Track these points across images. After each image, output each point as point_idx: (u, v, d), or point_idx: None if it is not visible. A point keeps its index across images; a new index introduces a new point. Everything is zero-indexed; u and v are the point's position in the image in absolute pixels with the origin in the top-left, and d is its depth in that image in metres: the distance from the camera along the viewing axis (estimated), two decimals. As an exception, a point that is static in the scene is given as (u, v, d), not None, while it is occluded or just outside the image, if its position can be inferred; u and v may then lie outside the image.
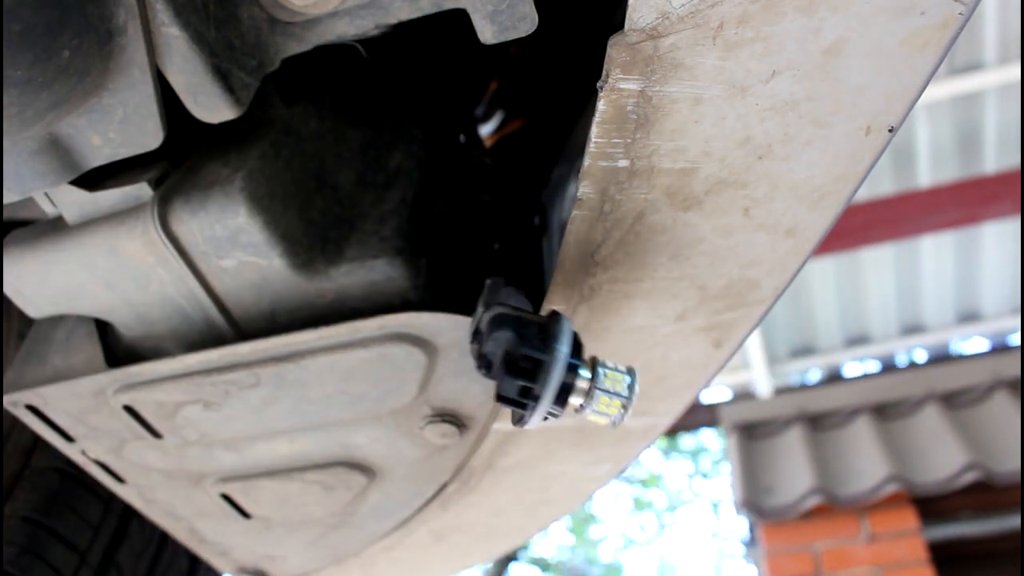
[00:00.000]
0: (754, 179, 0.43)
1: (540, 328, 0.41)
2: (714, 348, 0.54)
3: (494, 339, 0.42)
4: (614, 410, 0.41)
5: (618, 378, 0.41)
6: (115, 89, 0.41)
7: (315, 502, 0.71)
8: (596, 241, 0.47)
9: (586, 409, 0.41)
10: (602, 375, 0.41)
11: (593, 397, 0.41)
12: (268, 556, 0.80)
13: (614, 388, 0.41)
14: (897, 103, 0.39)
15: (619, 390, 0.41)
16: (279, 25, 0.43)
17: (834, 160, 0.42)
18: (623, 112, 0.40)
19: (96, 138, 0.43)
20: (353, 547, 0.78)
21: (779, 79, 0.39)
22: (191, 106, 0.44)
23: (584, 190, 0.44)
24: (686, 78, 0.39)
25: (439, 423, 0.63)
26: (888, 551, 3.03)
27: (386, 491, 0.71)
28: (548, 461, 0.68)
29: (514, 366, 0.41)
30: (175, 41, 0.41)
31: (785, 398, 3.68)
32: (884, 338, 3.89)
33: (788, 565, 3.13)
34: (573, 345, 0.41)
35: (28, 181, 0.43)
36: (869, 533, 3.09)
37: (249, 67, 0.44)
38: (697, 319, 0.52)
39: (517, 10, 0.40)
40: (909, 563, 2.99)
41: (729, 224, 0.46)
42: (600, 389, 0.41)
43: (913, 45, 0.37)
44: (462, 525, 0.76)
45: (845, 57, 0.38)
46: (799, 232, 0.46)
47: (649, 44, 0.38)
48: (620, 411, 0.41)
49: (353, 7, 0.43)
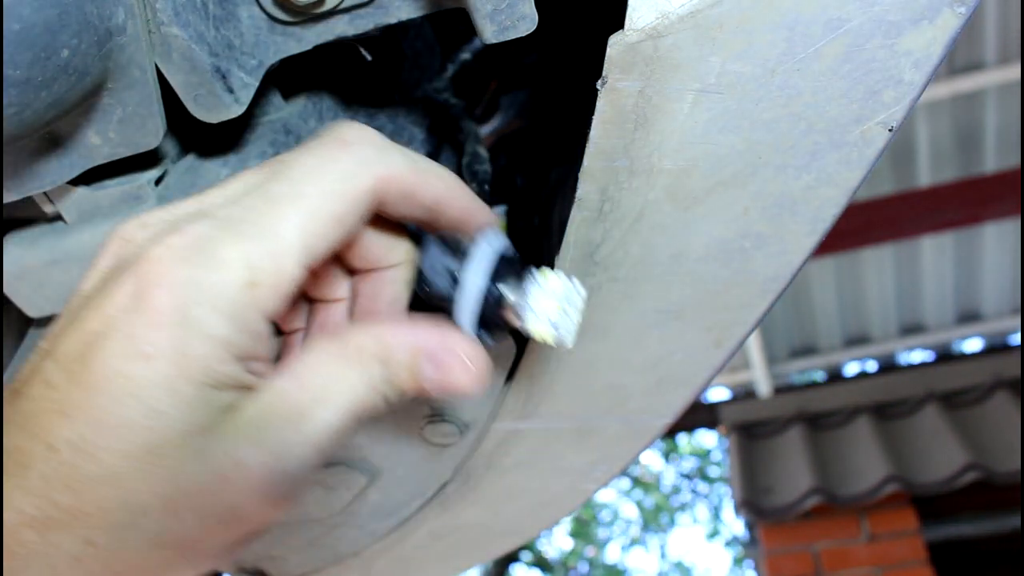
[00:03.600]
0: (754, 179, 0.43)
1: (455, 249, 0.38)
2: (714, 348, 0.54)
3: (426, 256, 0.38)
4: (550, 330, 0.37)
5: (551, 290, 0.37)
6: (114, 89, 0.41)
7: (315, 502, 0.71)
8: (596, 241, 0.47)
9: (525, 326, 0.37)
10: (530, 292, 0.37)
11: (525, 318, 0.37)
12: (268, 556, 0.80)
13: (548, 303, 0.37)
14: (897, 103, 0.39)
15: (553, 306, 0.37)
16: (279, 25, 0.43)
17: (834, 160, 0.42)
18: (623, 112, 0.40)
19: (95, 137, 0.43)
20: (353, 547, 0.78)
21: (779, 79, 0.39)
22: (191, 106, 0.44)
23: (584, 190, 0.44)
24: (686, 78, 0.39)
25: (439, 423, 0.63)
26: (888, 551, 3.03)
27: (386, 491, 0.71)
28: (548, 461, 0.68)
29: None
30: (175, 41, 0.41)
31: (785, 398, 3.68)
32: (884, 338, 3.89)
33: (788, 565, 3.13)
34: (496, 266, 0.37)
35: (27, 181, 0.43)
36: (869, 533, 3.09)
37: (249, 67, 0.44)
38: (697, 318, 0.52)
39: (517, 10, 0.40)
40: (909, 563, 2.99)
41: (729, 223, 0.46)
42: (530, 308, 0.37)
43: (913, 45, 0.37)
44: (462, 525, 0.76)
45: (846, 57, 0.38)
46: (799, 231, 0.46)
47: (649, 44, 0.38)
48: (558, 327, 0.37)
49: (353, 7, 0.43)
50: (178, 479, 0.31)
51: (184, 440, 0.31)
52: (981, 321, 3.75)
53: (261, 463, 0.32)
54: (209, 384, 0.32)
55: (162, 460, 0.31)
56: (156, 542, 0.32)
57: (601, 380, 0.58)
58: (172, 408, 0.31)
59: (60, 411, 0.31)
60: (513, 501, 0.74)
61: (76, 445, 0.30)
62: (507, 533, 0.80)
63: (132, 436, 0.31)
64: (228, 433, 0.32)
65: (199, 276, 0.32)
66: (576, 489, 0.73)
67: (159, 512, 0.31)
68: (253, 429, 0.33)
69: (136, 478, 0.31)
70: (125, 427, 0.30)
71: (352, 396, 0.34)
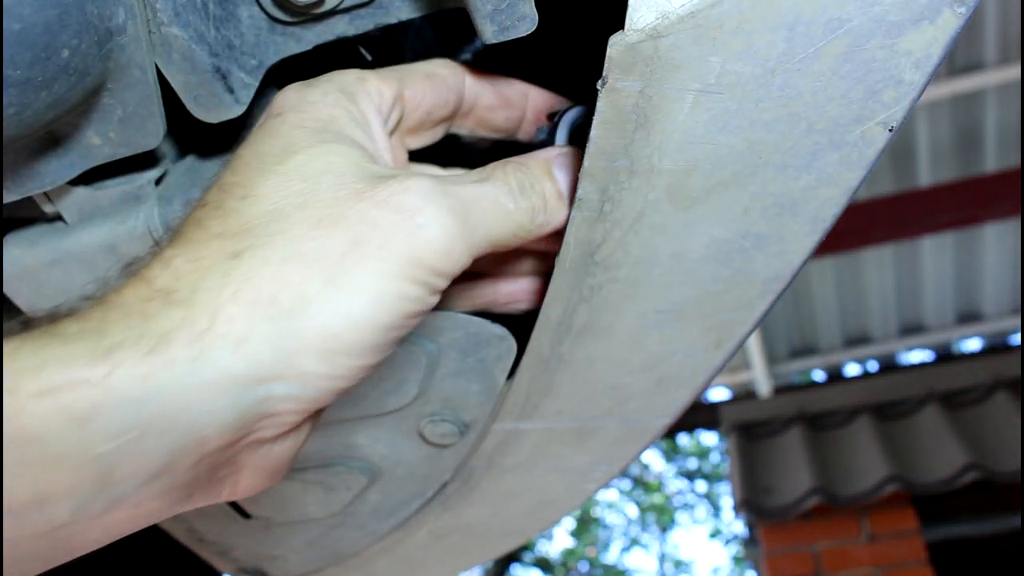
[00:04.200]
0: (754, 179, 0.43)
1: None
2: (714, 348, 0.54)
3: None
4: None
5: None
6: (114, 89, 0.41)
7: (315, 502, 0.71)
8: (596, 241, 0.47)
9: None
10: None
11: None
12: (268, 556, 0.80)
13: None
14: (898, 103, 0.39)
15: None
16: (279, 25, 0.44)
17: (834, 160, 0.42)
18: (623, 112, 0.40)
19: (95, 138, 0.43)
20: (353, 547, 0.78)
21: (779, 79, 0.39)
22: (191, 106, 0.44)
23: (584, 190, 0.44)
24: (686, 78, 0.39)
25: (439, 423, 0.63)
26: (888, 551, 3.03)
27: (386, 491, 0.71)
28: (548, 461, 0.68)
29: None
30: (175, 41, 0.41)
31: (785, 398, 3.68)
32: (884, 338, 3.89)
33: (788, 565, 3.13)
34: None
35: (27, 181, 0.43)
36: (869, 533, 3.09)
37: (249, 67, 0.44)
38: (697, 318, 0.52)
39: (517, 10, 0.40)
40: (909, 563, 2.99)
41: (729, 223, 0.46)
42: None
43: (914, 45, 0.37)
44: (462, 525, 0.76)
45: (846, 57, 0.38)
46: (799, 231, 0.46)
47: (649, 44, 0.38)
48: None
49: (353, 7, 0.43)
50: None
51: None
52: (981, 321, 3.75)
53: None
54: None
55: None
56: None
57: (601, 380, 0.58)
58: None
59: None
60: (513, 501, 0.74)
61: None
62: (507, 533, 0.80)
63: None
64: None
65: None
66: (576, 489, 0.73)
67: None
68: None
69: None
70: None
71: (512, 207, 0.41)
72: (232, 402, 0.32)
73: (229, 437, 0.33)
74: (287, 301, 0.33)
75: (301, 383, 0.34)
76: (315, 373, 0.35)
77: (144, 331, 0.31)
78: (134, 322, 0.32)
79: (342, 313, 0.34)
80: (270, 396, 0.34)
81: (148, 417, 0.30)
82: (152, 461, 0.31)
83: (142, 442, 0.31)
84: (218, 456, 0.34)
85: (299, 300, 0.34)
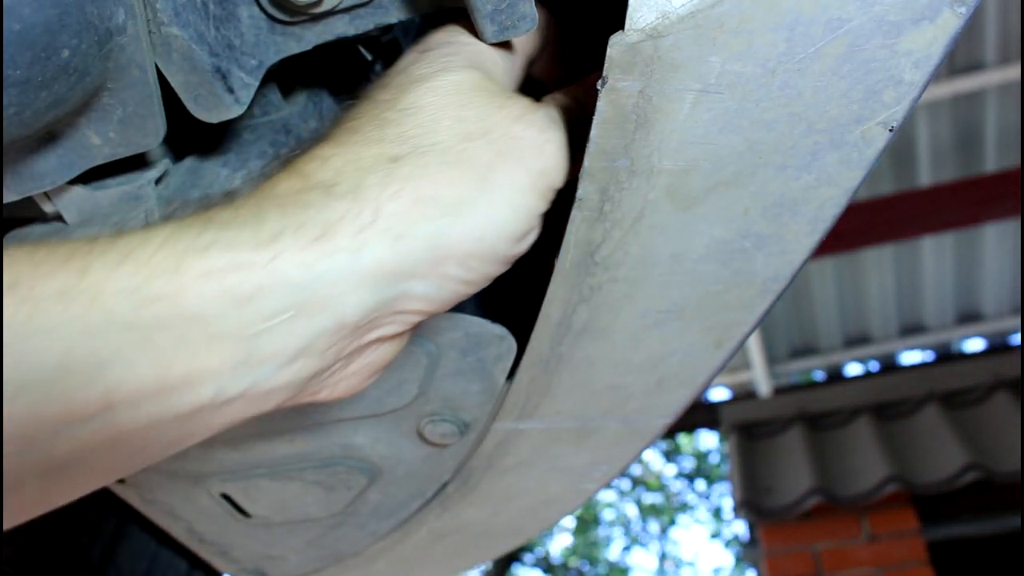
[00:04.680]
0: (754, 179, 0.43)
1: None
2: (714, 348, 0.54)
3: None
4: None
5: None
6: (114, 89, 0.41)
7: (315, 502, 0.71)
8: (596, 241, 0.47)
9: None
10: None
11: None
12: (268, 556, 0.80)
13: None
14: (898, 103, 0.39)
15: None
16: (279, 25, 0.44)
17: (834, 160, 0.42)
18: (623, 112, 0.40)
19: (95, 137, 0.43)
20: (353, 547, 0.78)
21: (779, 79, 0.39)
22: (191, 106, 0.44)
23: (584, 190, 0.44)
24: (686, 78, 0.39)
25: (439, 423, 0.63)
26: (888, 551, 3.03)
27: (386, 491, 0.71)
28: (548, 461, 0.68)
29: None
30: (175, 41, 0.41)
31: (785, 398, 3.68)
32: (884, 338, 3.88)
33: (788, 565, 3.13)
34: None
35: (27, 181, 0.43)
36: (869, 533, 3.09)
37: (249, 67, 0.44)
38: (697, 318, 0.52)
39: (517, 9, 0.40)
40: (909, 563, 2.98)
41: (730, 223, 0.46)
42: None
43: (914, 45, 0.37)
44: (462, 525, 0.76)
45: (846, 57, 0.38)
46: (800, 231, 0.46)
47: (649, 44, 0.38)
48: None
49: (353, 7, 0.43)
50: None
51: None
52: (981, 321, 3.75)
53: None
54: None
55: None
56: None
57: (601, 380, 0.58)
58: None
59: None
60: (513, 501, 0.74)
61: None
62: (507, 533, 0.80)
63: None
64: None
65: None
66: (576, 489, 0.73)
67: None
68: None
69: None
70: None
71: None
72: (375, 293, 0.34)
73: (364, 327, 0.35)
74: (446, 202, 0.36)
75: (438, 283, 0.37)
76: (451, 275, 0.37)
77: (305, 219, 0.33)
78: (291, 210, 0.34)
79: (489, 218, 0.37)
80: (408, 293, 0.36)
81: (303, 300, 0.32)
82: (295, 343, 0.33)
83: (292, 323, 0.32)
84: (343, 347, 0.36)
85: (457, 202, 0.36)
